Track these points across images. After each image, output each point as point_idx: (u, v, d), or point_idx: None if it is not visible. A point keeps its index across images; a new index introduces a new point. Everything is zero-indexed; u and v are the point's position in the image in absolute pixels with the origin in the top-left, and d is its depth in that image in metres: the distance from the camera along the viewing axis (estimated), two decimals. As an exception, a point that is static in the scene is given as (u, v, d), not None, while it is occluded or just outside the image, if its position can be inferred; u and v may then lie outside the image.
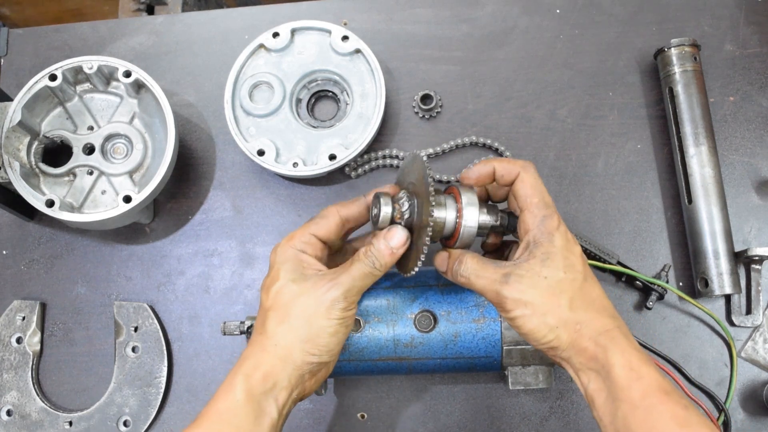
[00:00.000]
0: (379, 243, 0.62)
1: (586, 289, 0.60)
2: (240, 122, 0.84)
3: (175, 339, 0.84)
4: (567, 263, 0.60)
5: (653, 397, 0.55)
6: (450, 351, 0.69)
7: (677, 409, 0.54)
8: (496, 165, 0.64)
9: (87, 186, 0.81)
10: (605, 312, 0.60)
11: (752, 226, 0.82)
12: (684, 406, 0.55)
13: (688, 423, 0.54)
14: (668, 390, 0.55)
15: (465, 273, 0.63)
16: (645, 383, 0.55)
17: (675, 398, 0.55)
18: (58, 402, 0.83)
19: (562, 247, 0.60)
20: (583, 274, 0.61)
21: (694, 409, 0.55)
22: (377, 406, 0.80)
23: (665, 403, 0.54)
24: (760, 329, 0.79)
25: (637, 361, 0.56)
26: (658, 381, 0.56)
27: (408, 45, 0.90)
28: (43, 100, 0.82)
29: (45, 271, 0.87)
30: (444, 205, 0.62)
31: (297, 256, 0.64)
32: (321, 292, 0.61)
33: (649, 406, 0.54)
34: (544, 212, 0.61)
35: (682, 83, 0.82)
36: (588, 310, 0.59)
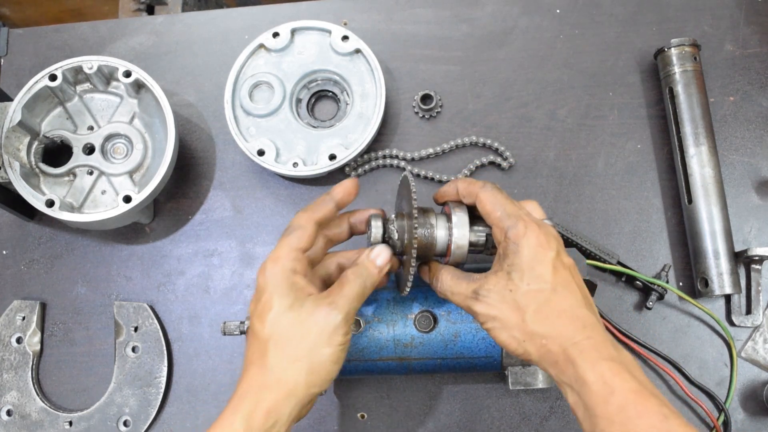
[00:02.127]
0: (366, 261, 0.62)
1: (553, 301, 0.58)
2: (240, 122, 0.84)
3: (175, 339, 0.84)
4: (533, 274, 0.58)
5: (629, 410, 0.53)
6: (450, 351, 0.69)
7: (655, 420, 0.52)
8: (459, 185, 0.64)
9: (87, 186, 0.81)
10: (576, 323, 0.57)
11: (752, 226, 0.82)
12: (663, 416, 0.52)
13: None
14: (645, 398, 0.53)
15: (441, 288, 0.63)
16: (619, 397, 0.53)
17: (652, 408, 0.53)
18: (58, 402, 0.83)
19: (529, 257, 0.58)
20: (551, 285, 0.58)
21: (674, 417, 0.53)
22: (377, 406, 0.80)
23: (642, 416, 0.52)
24: (760, 329, 0.79)
25: (609, 373, 0.54)
26: (633, 390, 0.53)
27: (408, 45, 0.90)
28: (43, 100, 0.82)
29: (45, 271, 0.87)
30: (432, 225, 0.63)
31: (289, 278, 0.59)
32: (321, 318, 0.58)
33: (625, 420, 0.53)
34: (507, 223, 0.60)
35: (682, 83, 0.82)
36: (554, 323, 0.57)
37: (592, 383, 0.54)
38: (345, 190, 0.64)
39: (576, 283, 0.59)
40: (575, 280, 0.59)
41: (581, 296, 0.59)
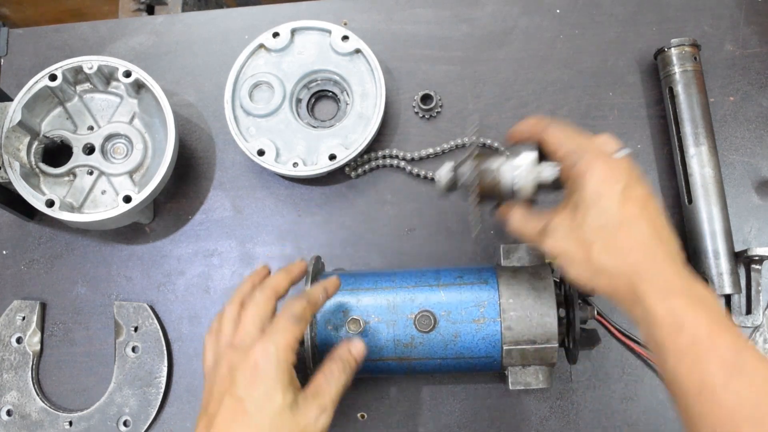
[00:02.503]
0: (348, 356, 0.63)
1: (620, 236, 0.56)
2: (240, 122, 0.84)
3: (175, 339, 0.84)
4: (597, 209, 0.57)
5: (699, 345, 0.50)
6: (450, 351, 0.69)
7: (727, 354, 0.49)
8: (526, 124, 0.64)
9: (87, 186, 0.81)
10: (644, 257, 0.55)
11: (752, 226, 0.82)
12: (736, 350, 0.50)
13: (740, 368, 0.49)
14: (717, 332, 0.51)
15: (511, 227, 0.65)
16: (689, 332, 0.51)
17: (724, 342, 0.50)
18: (58, 402, 0.83)
19: (594, 191, 0.57)
20: (617, 219, 0.56)
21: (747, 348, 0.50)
22: (377, 406, 0.80)
23: (713, 350, 0.50)
24: (760, 329, 0.79)
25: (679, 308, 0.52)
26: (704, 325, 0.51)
27: (408, 45, 0.90)
28: (43, 100, 0.82)
29: (45, 271, 0.87)
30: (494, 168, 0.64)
31: (290, 371, 0.58)
32: (311, 421, 0.57)
33: (695, 355, 0.50)
34: (572, 159, 0.59)
35: (682, 83, 0.82)
36: (621, 258, 0.56)
37: (661, 318, 0.52)
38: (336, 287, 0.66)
39: (648, 215, 0.57)
40: (647, 213, 0.57)
41: (652, 229, 0.57)
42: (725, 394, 0.49)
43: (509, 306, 0.68)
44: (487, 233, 0.84)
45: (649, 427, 0.78)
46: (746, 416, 0.48)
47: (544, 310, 0.68)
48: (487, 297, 0.69)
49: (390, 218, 0.85)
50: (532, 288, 0.69)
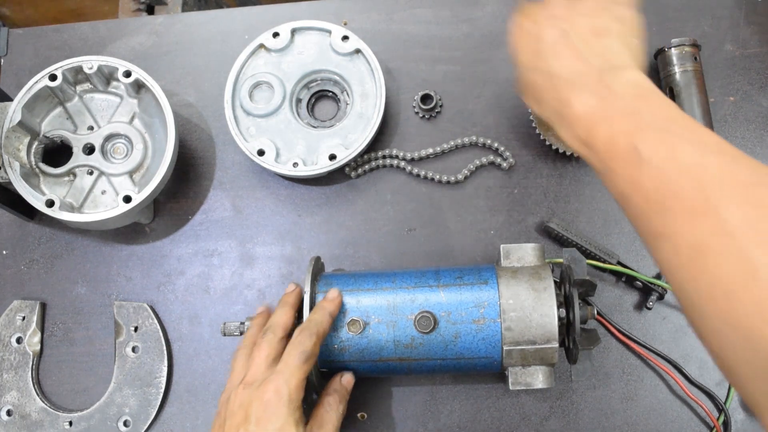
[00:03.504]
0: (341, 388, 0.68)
1: (528, 82, 0.60)
2: (240, 122, 0.84)
3: (175, 339, 0.84)
4: (515, 63, 0.62)
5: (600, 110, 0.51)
6: (450, 352, 0.69)
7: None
8: None
9: (87, 186, 0.81)
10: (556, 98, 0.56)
11: (752, 226, 0.82)
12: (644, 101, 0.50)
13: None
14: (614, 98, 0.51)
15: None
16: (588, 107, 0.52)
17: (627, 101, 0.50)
18: (58, 402, 0.83)
19: (511, 51, 0.62)
20: (521, 66, 0.60)
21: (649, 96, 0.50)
22: (377, 406, 0.80)
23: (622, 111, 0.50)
24: (760, 329, 0.79)
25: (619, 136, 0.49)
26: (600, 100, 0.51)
27: (408, 45, 0.90)
28: (43, 100, 0.82)
29: (45, 271, 0.87)
30: None
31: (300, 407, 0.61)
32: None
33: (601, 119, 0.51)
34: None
35: (682, 83, 0.82)
36: (543, 104, 0.58)
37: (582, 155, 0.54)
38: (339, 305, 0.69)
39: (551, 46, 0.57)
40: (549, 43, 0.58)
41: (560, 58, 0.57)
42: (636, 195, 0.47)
43: (509, 306, 0.68)
44: (487, 233, 0.84)
45: (649, 427, 0.78)
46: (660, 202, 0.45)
47: (544, 311, 0.68)
48: (487, 297, 0.69)
49: (390, 218, 0.85)
50: (532, 288, 0.69)
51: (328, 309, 0.67)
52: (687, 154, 0.45)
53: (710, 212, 0.41)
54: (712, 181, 0.43)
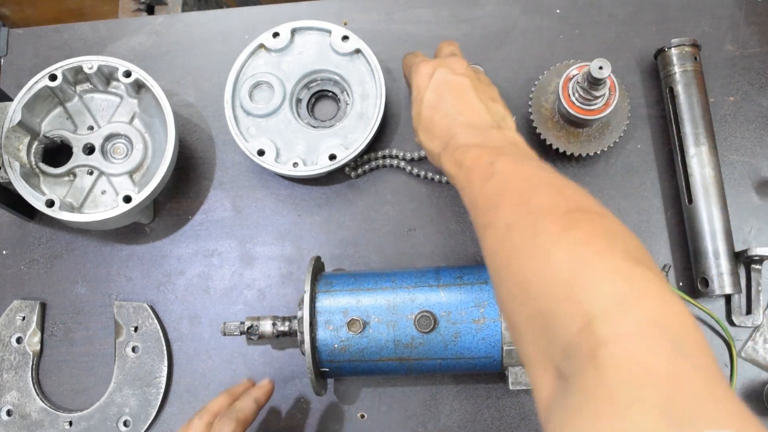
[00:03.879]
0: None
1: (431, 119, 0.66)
2: (240, 122, 0.84)
3: (175, 339, 0.84)
4: (415, 102, 0.68)
5: (469, 172, 0.58)
6: (450, 351, 0.69)
7: (484, 168, 0.57)
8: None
9: (87, 186, 0.81)
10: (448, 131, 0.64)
11: (752, 226, 0.82)
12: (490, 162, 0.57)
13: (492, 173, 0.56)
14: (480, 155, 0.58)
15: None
16: (463, 168, 0.59)
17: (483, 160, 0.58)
18: (58, 402, 0.83)
19: (414, 91, 0.68)
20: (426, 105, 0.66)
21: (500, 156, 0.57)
22: (377, 406, 0.80)
23: (475, 170, 0.57)
24: (760, 329, 0.79)
25: (460, 154, 0.60)
26: (473, 157, 0.58)
27: (408, 45, 0.90)
28: (43, 100, 0.82)
29: (45, 271, 0.87)
30: None
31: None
32: None
33: (467, 182, 0.58)
34: (409, 71, 0.71)
35: (682, 83, 0.82)
36: (432, 138, 0.65)
37: (449, 171, 0.61)
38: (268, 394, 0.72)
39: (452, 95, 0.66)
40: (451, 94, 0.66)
41: (454, 106, 0.65)
42: (481, 197, 0.55)
43: (509, 306, 0.68)
44: (487, 233, 0.84)
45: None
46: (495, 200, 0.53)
47: (544, 310, 0.68)
48: (487, 297, 0.69)
49: (390, 218, 0.85)
50: (532, 288, 0.68)
51: (255, 395, 0.70)
52: (527, 170, 0.55)
53: (524, 202, 0.51)
54: (536, 183, 0.53)
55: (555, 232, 0.46)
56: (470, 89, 0.66)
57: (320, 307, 0.70)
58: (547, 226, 0.47)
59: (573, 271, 0.43)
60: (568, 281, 0.43)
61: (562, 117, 0.82)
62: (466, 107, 0.65)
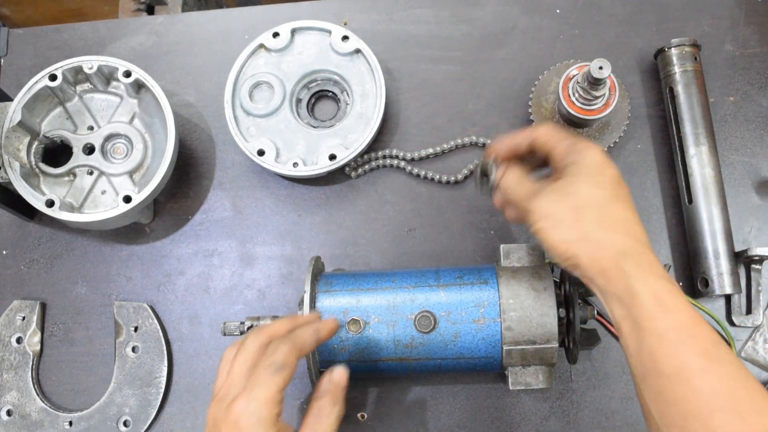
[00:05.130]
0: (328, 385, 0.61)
1: (614, 210, 0.58)
2: (240, 122, 0.84)
3: (175, 339, 0.84)
4: (596, 180, 0.59)
5: (682, 330, 0.52)
6: (450, 352, 0.69)
7: (707, 344, 0.52)
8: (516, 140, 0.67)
9: (87, 186, 0.81)
10: (632, 236, 0.57)
11: (752, 226, 0.82)
12: (714, 342, 0.52)
13: (718, 357, 0.51)
14: (698, 323, 0.53)
15: (504, 184, 0.65)
16: (673, 316, 0.53)
17: (705, 332, 0.52)
18: (58, 402, 0.83)
19: (593, 164, 0.60)
20: (613, 192, 0.59)
21: (724, 344, 0.53)
22: (377, 406, 0.80)
23: (694, 338, 0.52)
24: (760, 329, 0.79)
25: (664, 291, 0.53)
26: (687, 313, 0.53)
27: (408, 45, 0.90)
28: (43, 100, 0.82)
29: (45, 271, 0.87)
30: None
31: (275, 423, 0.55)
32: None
33: (677, 339, 0.52)
34: (571, 140, 0.62)
35: (682, 83, 0.82)
36: (612, 229, 0.57)
37: (645, 296, 0.53)
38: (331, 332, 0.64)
39: (631, 203, 0.60)
40: (630, 202, 0.60)
41: (636, 215, 0.59)
42: (703, 380, 0.50)
43: (509, 306, 0.68)
44: (487, 233, 0.84)
45: (649, 427, 0.78)
46: (720, 405, 0.50)
47: (544, 310, 0.68)
48: (487, 297, 0.69)
49: (390, 218, 0.85)
50: (532, 288, 0.69)
51: (317, 327, 0.63)
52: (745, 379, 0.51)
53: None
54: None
55: None
56: (630, 201, 0.61)
57: (320, 307, 0.70)
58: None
59: None
60: None
61: (562, 117, 0.82)
62: (641, 224, 0.59)
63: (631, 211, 0.59)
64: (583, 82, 0.76)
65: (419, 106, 0.88)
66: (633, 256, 0.55)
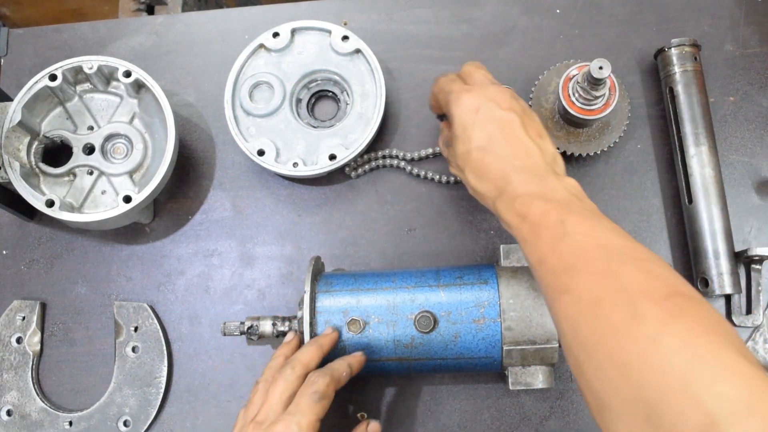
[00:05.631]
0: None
1: (481, 159, 0.62)
2: (240, 122, 0.84)
3: (175, 339, 0.84)
4: (463, 137, 0.63)
5: (535, 228, 0.56)
6: (450, 352, 0.69)
7: (553, 226, 0.55)
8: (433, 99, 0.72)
9: (87, 186, 0.81)
10: (504, 174, 0.60)
11: (752, 226, 0.82)
12: (559, 221, 0.55)
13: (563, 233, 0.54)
14: (547, 211, 0.56)
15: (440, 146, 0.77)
16: (527, 223, 0.57)
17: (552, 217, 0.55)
18: (58, 402, 0.83)
19: (459, 122, 0.63)
20: (476, 143, 0.62)
21: (571, 214, 0.55)
22: (377, 406, 0.80)
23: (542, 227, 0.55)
24: (760, 329, 0.80)
25: (521, 206, 0.57)
26: (538, 212, 0.56)
27: (408, 45, 0.90)
28: (43, 100, 0.82)
29: (45, 271, 0.87)
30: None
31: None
32: None
33: (531, 238, 0.56)
34: (445, 100, 0.66)
35: (682, 83, 0.82)
36: (484, 179, 0.62)
37: (510, 222, 0.58)
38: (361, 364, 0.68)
39: (504, 134, 0.62)
40: (503, 133, 0.62)
41: (510, 147, 0.61)
42: (553, 257, 0.54)
43: (509, 306, 0.68)
44: (487, 233, 0.84)
45: (649, 427, 0.78)
46: (571, 264, 0.52)
47: (544, 310, 0.68)
48: (487, 297, 0.69)
49: (390, 218, 0.85)
50: (532, 288, 0.69)
51: (349, 361, 0.67)
52: (601, 234, 0.54)
53: (611, 275, 0.50)
54: (618, 254, 0.51)
55: (660, 318, 0.46)
56: (520, 127, 0.62)
57: (320, 307, 0.70)
58: (649, 310, 0.46)
59: (687, 364, 0.43)
60: (682, 375, 0.42)
61: (562, 117, 0.82)
62: (520, 149, 0.61)
63: (500, 146, 0.61)
64: (583, 82, 0.76)
65: (419, 106, 0.88)
66: (502, 194, 0.60)
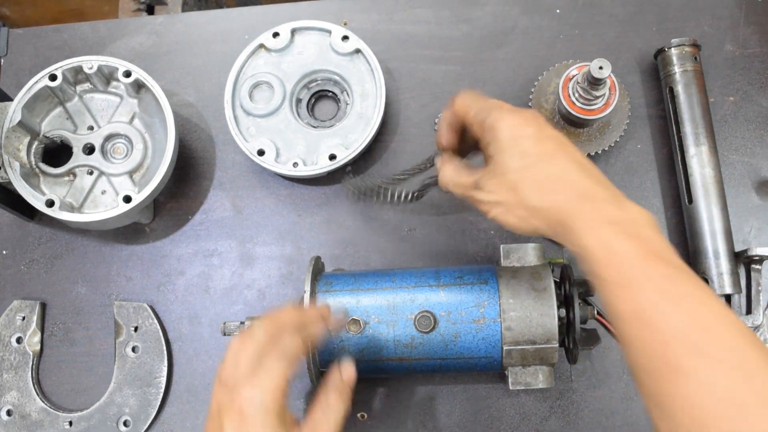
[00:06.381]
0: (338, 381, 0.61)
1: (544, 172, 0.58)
2: (240, 122, 0.84)
3: (175, 339, 0.84)
4: (516, 151, 0.59)
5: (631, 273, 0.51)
6: (450, 351, 0.69)
7: (659, 280, 0.50)
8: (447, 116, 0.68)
9: (87, 186, 0.81)
10: (570, 190, 0.56)
11: (752, 226, 0.82)
12: (668, 276, 0.51)
13: (672, 294, 0.50)
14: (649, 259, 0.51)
15: (443, 179, 0.67)
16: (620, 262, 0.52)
17: (657, 269, 0.51)
18: (58, 402, 0.83)
19: (509, 136, 0.59)
20: (537, 157, 0.58)
21: (681, 274, 0.51)
22: (377, 406, 0.80)
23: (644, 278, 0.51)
24: (760, 329, 0.79)
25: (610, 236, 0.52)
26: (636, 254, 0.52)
27: (408, 45, 0.90)
28: (43, 100, 0.82)
29: (45, 271, 0.87)
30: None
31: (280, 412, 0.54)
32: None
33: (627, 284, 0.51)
34: (482, 116, 0.62)
35: (682, 83, 0.82)
36: (549, 193, 0.57)
37: (592, 250, 0.53)
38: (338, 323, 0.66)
39: (566, 150, 0.59)
40: (564, 148, 0.59)
41: (574, 162, 0.58)
42: (658, 319, 0.49)
43: (509, 306, 0.68)
44: (487, 233, 0.84)
45: (649, 427, 0.77)
46: (678, 339, 0.48)
47: (544, 310, 0.68)
48: (487, 297, 0.69)
49: (390, 218, 0.85)
50: (532, 288, 0.69)
51: (321, 312, 0.63)
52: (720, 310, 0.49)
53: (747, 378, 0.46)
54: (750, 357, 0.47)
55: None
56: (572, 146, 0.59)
57: (320, 307, 0.70)
58: None
59: None
60: None
61: (563, 117, 0.82)
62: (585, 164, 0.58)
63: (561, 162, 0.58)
64: (583, 82, 0.76)
65: (419, 106, 0.88)
66: (575, 211, 0.55)
